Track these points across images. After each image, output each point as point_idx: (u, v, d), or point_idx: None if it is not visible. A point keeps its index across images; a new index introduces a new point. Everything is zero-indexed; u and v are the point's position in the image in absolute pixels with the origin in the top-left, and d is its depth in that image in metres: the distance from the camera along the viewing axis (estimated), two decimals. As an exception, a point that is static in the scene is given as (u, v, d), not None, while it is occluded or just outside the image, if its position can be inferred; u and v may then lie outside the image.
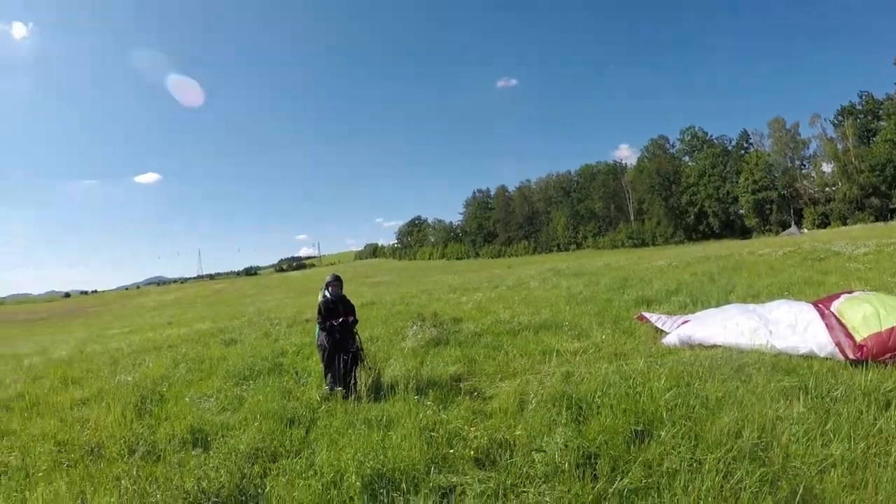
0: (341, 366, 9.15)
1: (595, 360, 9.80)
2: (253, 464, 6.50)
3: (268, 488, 5.76)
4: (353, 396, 8.75)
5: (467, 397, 8.46)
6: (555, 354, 10.56)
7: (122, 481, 6.01)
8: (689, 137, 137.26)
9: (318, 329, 9.66)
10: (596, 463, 5.59)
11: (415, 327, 14.22)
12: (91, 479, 6.60)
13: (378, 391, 9.01)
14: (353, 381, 9.09)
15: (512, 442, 6.35)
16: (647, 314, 12.84)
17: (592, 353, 10.54)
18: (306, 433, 7.45)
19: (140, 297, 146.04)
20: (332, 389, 9.00)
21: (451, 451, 6.22)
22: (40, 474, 6.95)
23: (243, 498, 5.52)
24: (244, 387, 10.48)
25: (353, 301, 10.04)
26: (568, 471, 5.38)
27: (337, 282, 9.84)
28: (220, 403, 9.43)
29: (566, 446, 5.85)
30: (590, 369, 8.90)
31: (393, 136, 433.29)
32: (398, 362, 11.01)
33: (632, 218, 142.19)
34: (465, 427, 6.86)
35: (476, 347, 12.25)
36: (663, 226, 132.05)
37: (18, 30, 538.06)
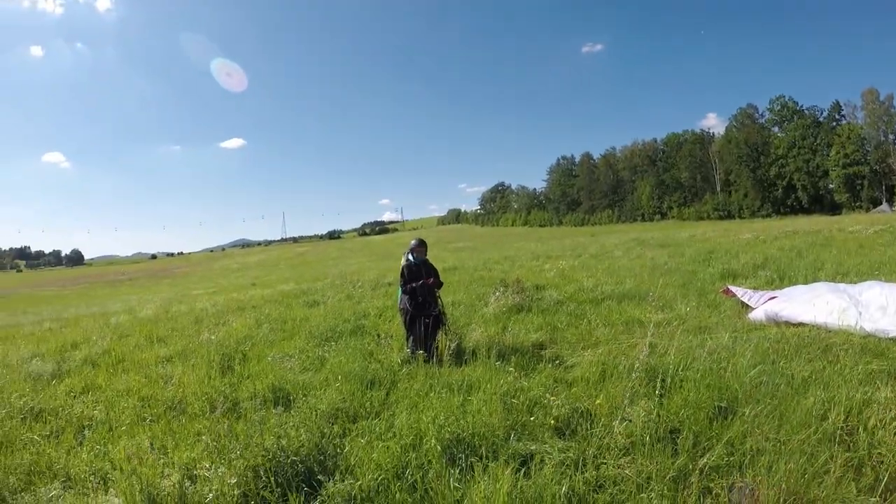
0: (422, 329, 9.16)
1: (679, 333, 9.41)
2: (333, 424, 6.59)
3: (347, 448, 5.80)
4: (433, 360, 8.76)
5: (549, 365, 8.34)
6: (638, 325, 10.50)
7: (203, 437, 6.21)
8: (779, 107, 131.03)
9: (400, 292, 9.72)
10: (677, 437, 5.39)
11: (497, 293, 14.11)
12: (173, 433, 6.85)
13: (459, 356, 8.95)
14: (434, 345, 9.05)
15: (592, 412, 6.20)
16: (732, 288, 12.42)
17: (676, 325, 10.09)
18: (386, 395, 7.49)
19: (225, 259, 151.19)
20: (413, 352, 9.05)
21: (532, 418, 6.10)
22: (123, 428, 7.24)
23: (322, 457, 5.57)
24: (326, 348, 10.68)
25: (435, 266, 10.05)
26: (649, 444, 5.19)
27: (421, 246, 9.86)
28: (302, 363, 9.64)
29: (647, 419, 5.67)
30: (673, 341, 8.51)
31: (477, 102, 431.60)
32: (480, 327, 10.95)
33: (718, 189, 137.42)
34: (546, 395, 6.70)
35: (558, 315, 12.09)
36: (750, 198, 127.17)
37: (102, 2, 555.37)
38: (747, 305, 11.25)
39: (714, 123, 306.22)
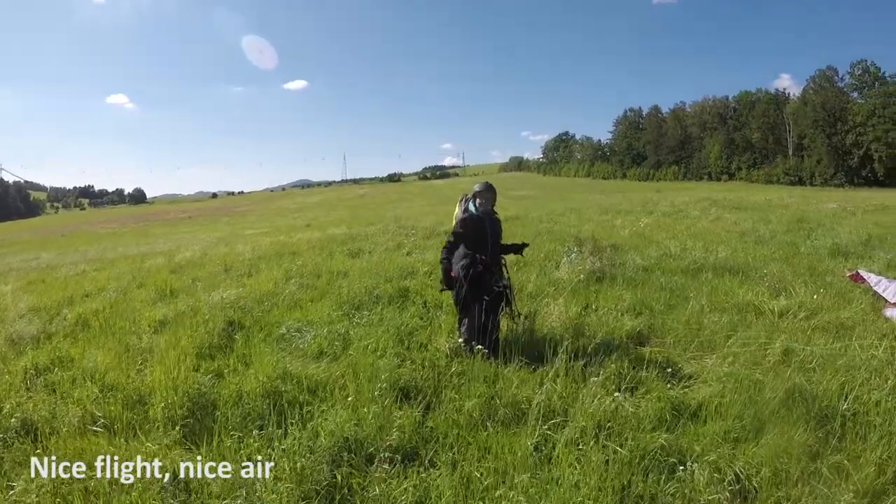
0: (482, 310, 6.56)
1: (812, 330, 7.28)
2: (333, 470, 4.30)
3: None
4: (494, 356, 6.30)
5: (656, 375, 5.86)
6: (754, 313, 8.17)
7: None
8: (861, 72, 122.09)
9: (444, 253, 6.99)
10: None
11: (571, 254, 11.71)
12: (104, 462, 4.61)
13: (528, 349, 6.46)
14: (495, 333, 6.55)
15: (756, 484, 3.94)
16: (863, 272, 9.60)
17: (803, 318, 7.77)
18: (423, 419, 5.10)
19: (284, 199, 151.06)
20: (466, 343, 6.53)
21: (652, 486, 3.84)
22: (58, 440, 5.14)
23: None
24: (355, 319, 8.42)
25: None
26: None
27: (489, 192, 7.10)
28: (319, 343, 7.32)
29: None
30: (813, 346, 6.36)
31: (543, 50, 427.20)
32: (554, 304, 8.37)
33: (790, 153, 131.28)
34: (662, 435, 4.48)
35: (650, 289, 9.67)
36: (823, 165, 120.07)
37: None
38: (882, 298, 8.48)
39: (787, 85, 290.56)
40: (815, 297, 8.71)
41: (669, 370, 5.97)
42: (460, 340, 6.65)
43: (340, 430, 4.64)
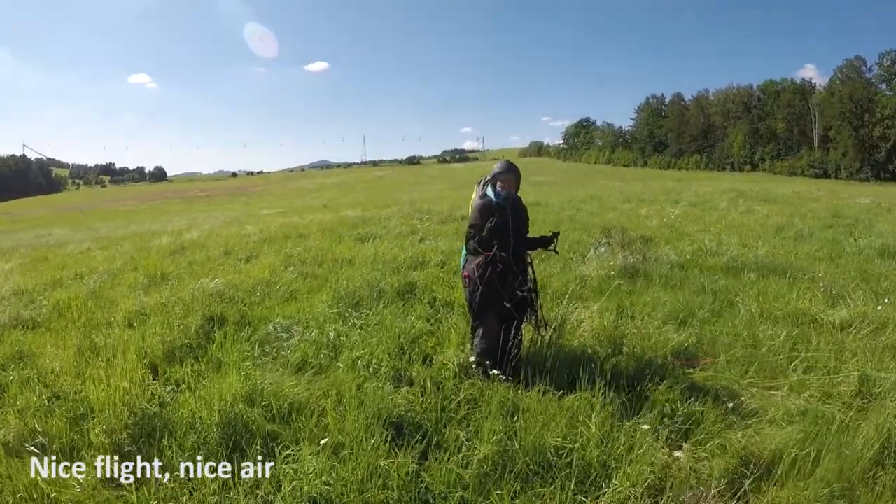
0: (501, 321, 5.34)
1: (882, 350, 6.09)
2: None
3: None
4: (512, 376, 5.09)
5: (713, 410, 4.67)
6: (812, 325, 7.00)
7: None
8: (890, 63, 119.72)
9: (466, 252, 5.72)
10: None
11: (600, 247, 10.61)
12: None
13: (555, 369, 5.22)
14: (516, 350, 5.26)
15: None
16: None
17: (868, 333, 6.59)
18: (417, 470, 3.91)
19: (303, 180, 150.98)
20: (479, 364, 5.28)
21: None
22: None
23: None
24: (354, 317, 7.24)
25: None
26: None
27: (511, 173, 5.67)
28: (304, 350, 6.10)
29: None
30: (892, 373, 5.32)
31: (565, 35, 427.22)
32: (582, 307, 7.26)
33: (815, 145, 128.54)
34: None
35: (689, 291, 8.50)
36: (849, 158, 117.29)
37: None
38: None
39: (812, 75, 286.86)
40: (878, 307, 7.48)
41: (729, 403, 4.80)
42: (472, 359, 5.38)
43: (309, 483, 3.53)
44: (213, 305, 8.11)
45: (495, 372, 5.05)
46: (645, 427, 4.26)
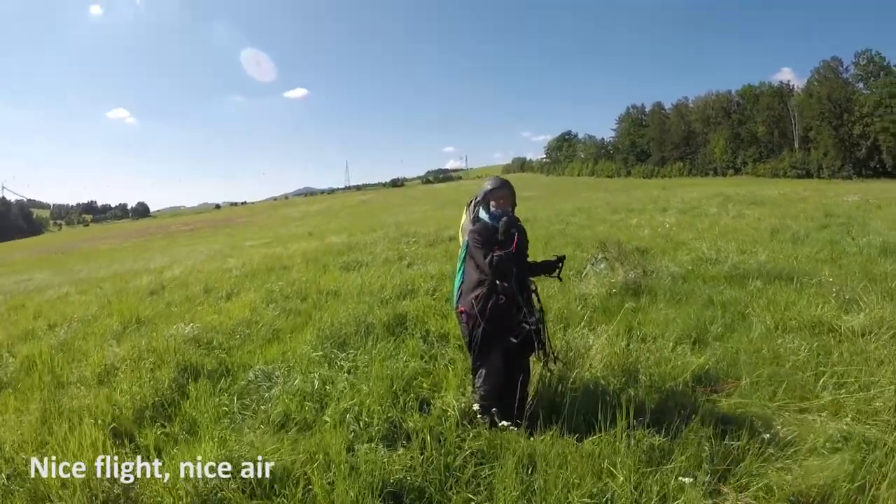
0: (505, 360, 4.70)
1: None
2: None
3: None
4: (522, 424, 4.48)
5: (752, 443, 4.11)
6: (830, 335, 6.62)
7: None
8: (865, 62, 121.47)
9: (459, 280, 5.04)
10: None
11: (597, 263, 10.24)
12: None
13: (567, 406, 4.62)
14: (525, 391, 4.73)
15: None
16: None
17: (889, 339, 6.20)
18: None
19: (287, 208, 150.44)
20: (484, 411, 4.66)
21: None
22: None
23: None
24: (341, 359, 6.58)
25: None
26: None
27: (505, 189, 5.04)
28: (287, 403, 5.40)
29: None
30: None
31: (542, 49, 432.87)
32: (588, 331, 6.72)
33: (796, 146, 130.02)
34: None
35: (697, 306, 8.07)
36: (830, 157, 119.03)
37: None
38: None
39: (789, 78, 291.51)
40: (889, 311, 7.09)
41: (765, 434, 4.23)
42: (475, 406, 4.76)
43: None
44: (190, 353, 7.43)
45: (505, 423, 4.43)
46: (685, 479, 3.66)
